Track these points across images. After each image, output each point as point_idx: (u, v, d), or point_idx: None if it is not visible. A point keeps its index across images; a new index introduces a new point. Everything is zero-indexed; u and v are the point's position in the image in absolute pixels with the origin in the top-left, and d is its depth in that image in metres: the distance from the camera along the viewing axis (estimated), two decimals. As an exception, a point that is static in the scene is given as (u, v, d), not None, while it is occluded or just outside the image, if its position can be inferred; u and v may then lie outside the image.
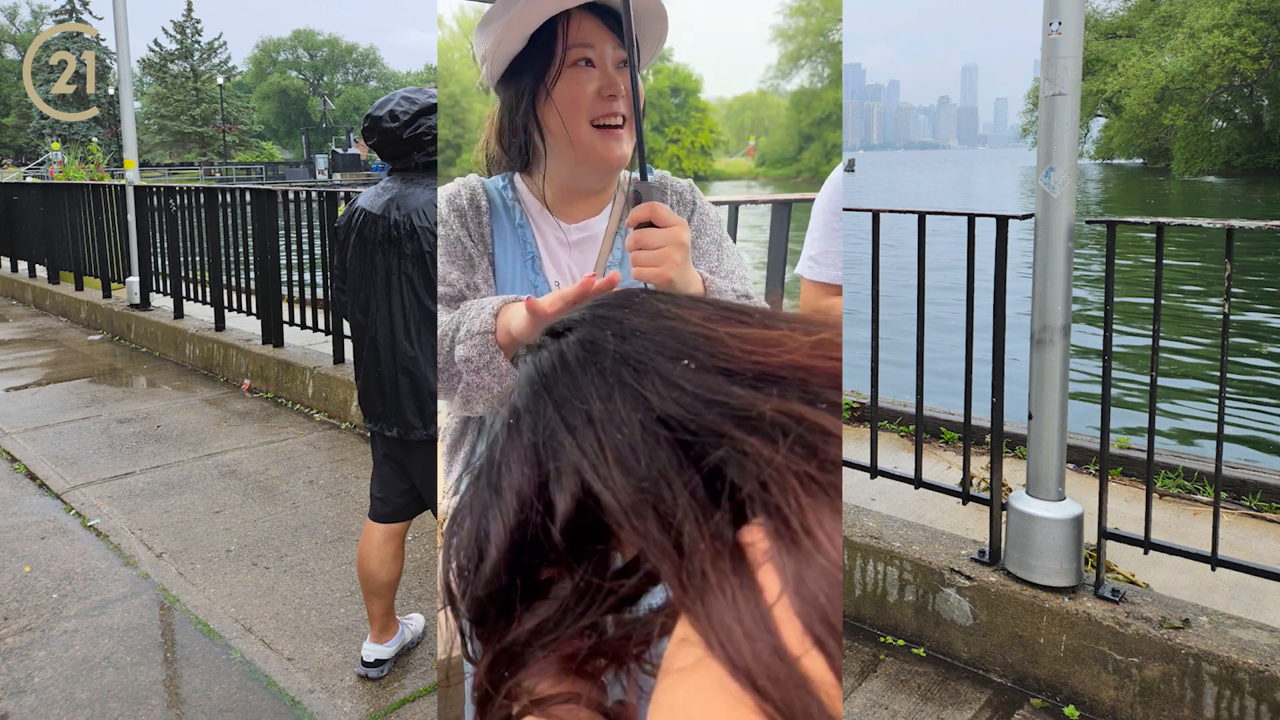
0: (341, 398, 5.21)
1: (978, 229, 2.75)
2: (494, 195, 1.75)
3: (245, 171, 51.87)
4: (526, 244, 1.73)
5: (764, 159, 67.86)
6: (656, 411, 0.64)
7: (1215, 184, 46.88)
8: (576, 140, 1.63)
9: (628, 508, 0.61)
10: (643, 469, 0.62)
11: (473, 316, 1.53)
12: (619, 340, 0.70)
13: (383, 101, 2.47)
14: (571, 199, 1.74)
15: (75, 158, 20.52)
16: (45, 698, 2.59)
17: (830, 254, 2.09)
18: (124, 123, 7.95)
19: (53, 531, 3.76)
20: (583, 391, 0.67)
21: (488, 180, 1.77)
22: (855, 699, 2.51)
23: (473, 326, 1.51)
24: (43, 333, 8.23)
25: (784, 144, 75.14)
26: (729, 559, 0.57)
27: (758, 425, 0.61)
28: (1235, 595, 2.67)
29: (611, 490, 0.62)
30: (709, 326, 0.70)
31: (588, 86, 1.61)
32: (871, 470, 3.04)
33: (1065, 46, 2.45)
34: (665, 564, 0.60)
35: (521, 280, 1.71)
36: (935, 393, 3.31)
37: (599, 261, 1.76)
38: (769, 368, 0.65)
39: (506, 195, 1.75)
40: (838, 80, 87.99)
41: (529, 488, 0.68)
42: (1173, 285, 13.89)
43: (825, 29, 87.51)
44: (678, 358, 0.66)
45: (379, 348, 2.45)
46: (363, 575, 2.62)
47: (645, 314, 0.73)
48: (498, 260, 1.72)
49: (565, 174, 1.70)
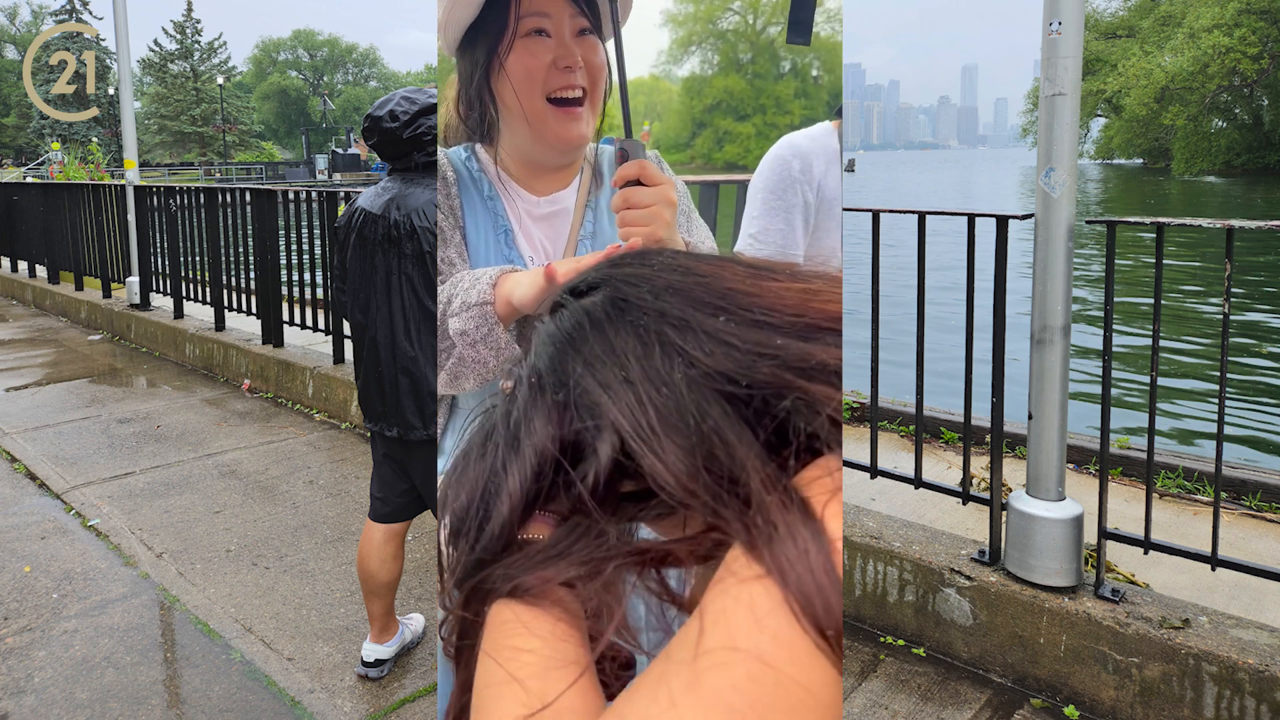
0: (341, 398, 5.21)
1: (978, 229, 2.75)
2: (459, 166, 1.69)
3: (245, 171, 51.86)
4: (499, 217, 1.67)
5: (658, 144, 68.07)
6: (705, 367, 0.64)
7: (1215, 184, 46.86)
8: (532, 116, 1.57)
9: (679, 471, 0.62)
10: (692, 428, 0.62)
11: (467, 288, 1.47)
12: (653, 297, 0.70)
13: (383, 101, 2.47)
14: (535, 172, 1.68)
15: (75, 158, 20.52)
16: (45, 698, 2.59)
17: (771, 231, 2.09)
18: (124, 123, 7.95)
19: (53, 531, 3.76)
20: (617, 351, 0.67)
21: (449, 150, 1.72)
22: (855, 699, 2.51)
23: (468, 298, 1.46)
24: (43, 333, 8.23)
25: (677, 130, 74.96)
26: (797, 508, 0.58)
27: (818, 373, 0.63)
28: (1235, 595, 2.67)
29: (658, 454, 0.62)
30: (750, 282, 0.70)
31: (542, 58, 1.54)
32: (871, 470, 3.04)
33: (1065, 46, 2.45)
34: (729, 519, 0.60)
35: (496, 254, 1.65)
36: (935, 393, 3.31)
37: (570, 235, 1.70)
38: (812, 318, 0.67)
39: (471, 166, 1.70)
40: (728, 68, 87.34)
41: (553, 446, 0.67)
42: (1173, 285, 13.89)
43: (714, 16, 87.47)
44: (717, 313, 0.67)
45: (379, 348, 2.45)
46: (363, 575, 2.62)
47: (675, 271, 0.73)
48: (469, 234, 1.66)
49: (524, 149, 1.64)
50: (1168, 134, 54.73)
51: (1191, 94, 48.88)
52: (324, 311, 5.60)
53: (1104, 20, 63.49)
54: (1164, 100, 50.27)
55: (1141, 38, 56.23)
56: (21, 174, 33.95)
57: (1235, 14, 45.83)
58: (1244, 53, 45.63)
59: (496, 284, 1.45)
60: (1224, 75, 47.04)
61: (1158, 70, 48.88)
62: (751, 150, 79.46)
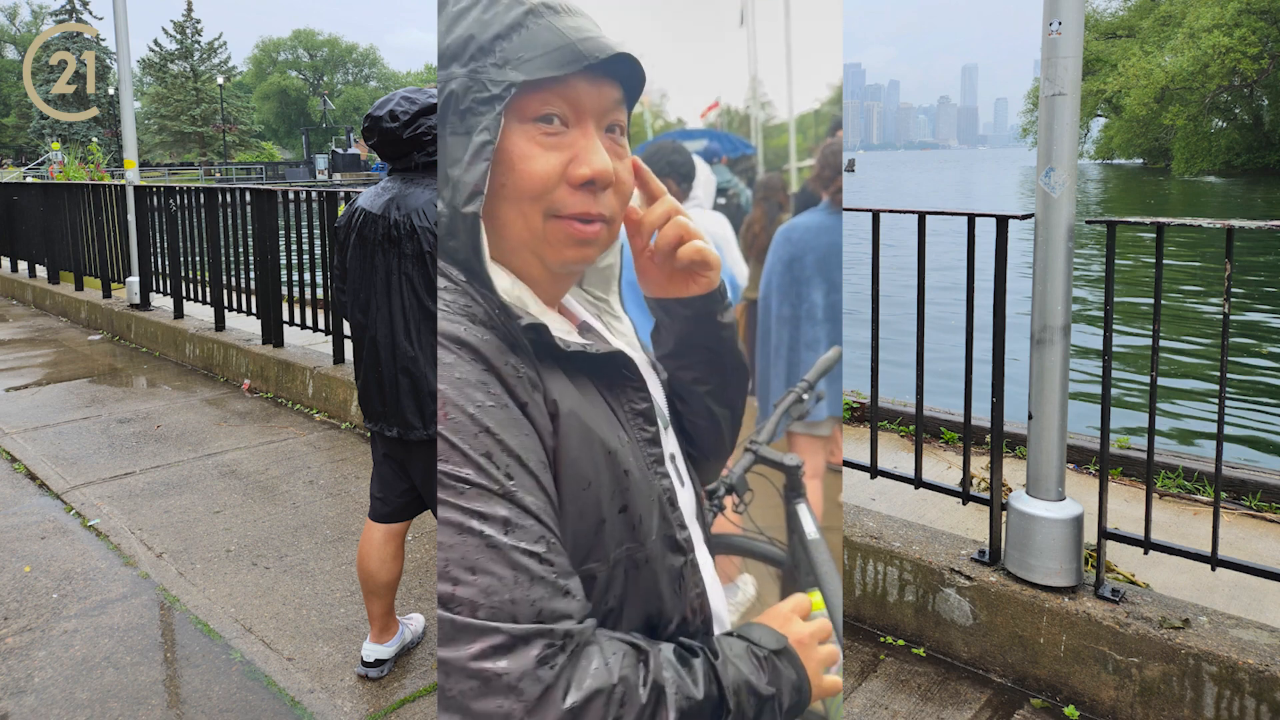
0: (341, 398, 5.21)
1: (978, 229, 2.75)
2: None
3: (245, 171, 51.87)
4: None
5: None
6: None
7: (1215, 184, 46.86)
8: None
9: None
10: None
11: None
12: None
13: (383, 101, 2.47)
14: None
15: (75, 158, 20.53)
16: (45, 698, 2.59)
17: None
18: (124, 123, 7.95)
19: (53, 531, 3.76)
20: None
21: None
22: (855, 699, 2.51)
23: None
24: (43, 333, 8.23)
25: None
26: None
27: None
28: (1235, 595, 2.67)
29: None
30: None
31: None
32: (871, 470, 3.04)
33: (1065, 46, 2.45)
34: None
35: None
36: (935, 393, 3.31)
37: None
38: None
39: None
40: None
41: None
42: (1173, 285, 13.89)
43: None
44: None
45: (379, 348, 2.45)
46: (363, 575, 2.62)
47: None
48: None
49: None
50: (1168, 134, 54.76)
51: (1191, 94, 48.90)
52: (324, 311, 5.60)
53: (1104, 20, 63.50)
54: (1164, 100, 50.29)
55: (1141, 38, 56.26)
56: (21, 174, 33.97)
57: (1235, 14, 45.85)
58: (1244, 53, 45.64)
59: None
60: (1224, 75, 47.05)
61: (1158, 70, 48.90)
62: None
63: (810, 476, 2.97)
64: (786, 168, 2.36)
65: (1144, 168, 67.20)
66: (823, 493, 3.04)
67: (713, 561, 1.48)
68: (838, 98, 1.93)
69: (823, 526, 1.70)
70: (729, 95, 2.00)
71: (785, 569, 1.44)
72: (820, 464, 2.99)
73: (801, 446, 2.87)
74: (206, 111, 68.57)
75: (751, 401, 1.67)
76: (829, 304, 2.74)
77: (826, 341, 2.79)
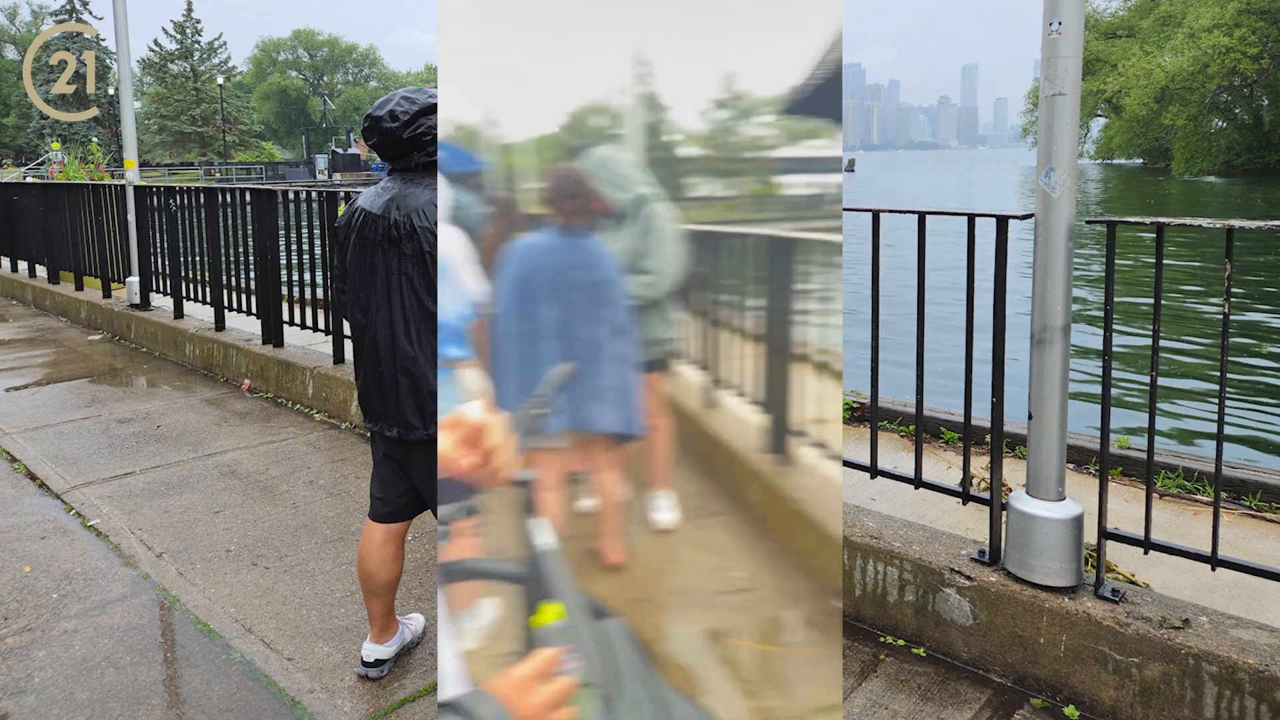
0: (341, 398, 5.21)
1: (978, 229, 2.75)
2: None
3: (245, 171, 51.86)
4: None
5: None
6: None
7: (1215, 184, 46.86)
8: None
9: None
10: None
11: None
12: None
13: (383, 101, 2.46)
14: None
15: (75, 158, 20.52)
16: (45, 698, 2.59)
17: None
18: (124, 123, 7.95)
19: (53, 531, 3.76)
20: None
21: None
22: (855, 699, 2.51)
23: None
24: (43, 333, 8.23)
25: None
26: None
27: None
28: (1235, 595, 2.67)
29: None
30: None
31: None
32: (871, 470, 3.04)
33: (1065, 46, 2.45)
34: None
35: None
36: (935, 393, 3.31)
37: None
38: None
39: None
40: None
41: None
42: (1173, 285, 13.89)
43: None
44: None
45: (379, 348, 2.45)
46: (363, 575, 2.62)
47: None
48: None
49: None
50: (1168, 134, 54.77)
51: (1191, 94, 48.90)
52: (324, 311, 5.60)
53: (1104, 20, 63.50)
54: (1164, 100, 50.30)
55: (1141, 38, 56.26)
56: (21, 174, 33.96)
57: (1235, 14, 45.85)
58: (1244, 53, 45.64)
59: None
60: (1224, 75, 47.05)
61: (1158, 70, 48.90)
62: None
63: (548, 489, 3.01)
64: (522, 187, 2.49)
65: (1144, 168, 67.20)
66: (564, 503, 3.11)
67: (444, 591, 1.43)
68: (576, 124, 2.03)
69: (562, 536, 1.67)
70: (461, 113, 2.10)
71: (527, 584, 1.40)
72: (558, 476, 3.02)
73: (539, 460, 2.93)
74: (206, 111, 68.56)
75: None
76: (561, 320, 2.83)
77: (559, 357, 2.87)
